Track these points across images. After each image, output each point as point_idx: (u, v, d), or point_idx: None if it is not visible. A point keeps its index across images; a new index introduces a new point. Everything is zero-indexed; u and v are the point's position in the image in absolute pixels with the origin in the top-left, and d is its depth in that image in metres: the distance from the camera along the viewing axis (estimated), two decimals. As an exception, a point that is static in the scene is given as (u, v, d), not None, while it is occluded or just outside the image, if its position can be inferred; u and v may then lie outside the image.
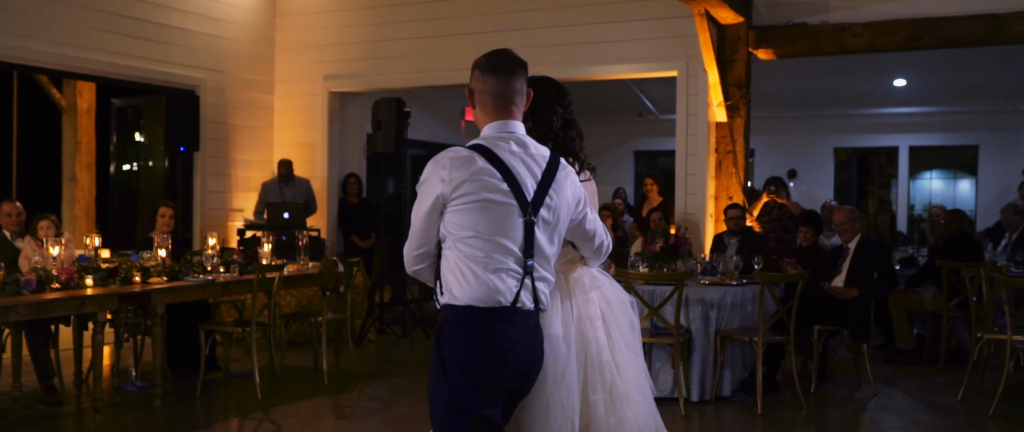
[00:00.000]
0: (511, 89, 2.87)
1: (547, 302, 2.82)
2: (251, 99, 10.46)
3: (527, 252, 2.73)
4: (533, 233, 2.73)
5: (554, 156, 2.84)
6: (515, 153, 2.77)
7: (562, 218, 2.81)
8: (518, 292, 2.72)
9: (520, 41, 9.57)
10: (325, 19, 10.57)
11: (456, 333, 2.72)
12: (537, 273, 2.75)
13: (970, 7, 8.21)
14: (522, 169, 2.75)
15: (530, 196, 2.74)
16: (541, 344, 2.82)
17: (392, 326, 9.36)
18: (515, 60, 2.92)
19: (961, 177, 15.12)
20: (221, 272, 6.71)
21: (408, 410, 6.25)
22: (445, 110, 13.04)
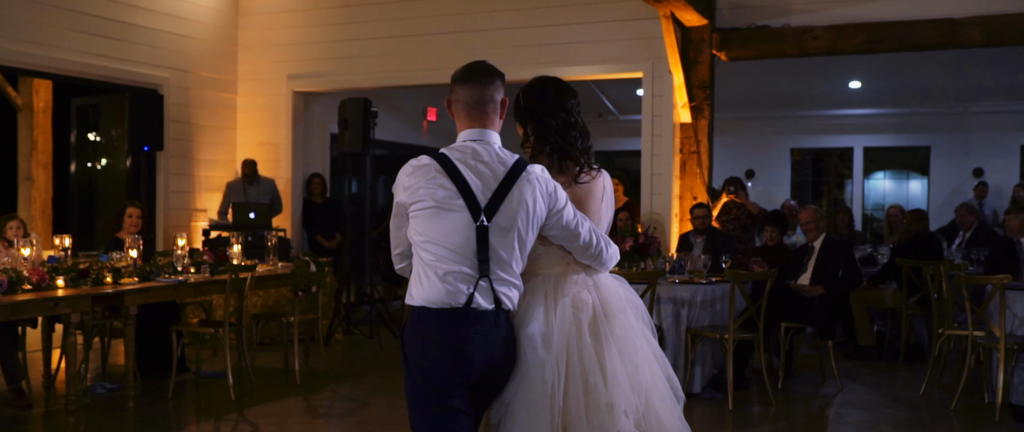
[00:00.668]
0: (480, 97, 2.96)
1: (511, 304, 2.89)
2: (214, 98, 10.37)
3: (481, 257, 2.82)
4: (486, 238, 2.82)
5: (518, 162, 2.89)
6: (473, 160, 2.87)
7: (520, 223, 2.85)
8: (471, 294, 2.81)
9: (486, 42, 9.65)
10: (288, 18, 10.52)
11: (412, 331, 2.87)
12: (495, 276, 2.84)
13: (927, 12, 8.42)
14: (476, 176, 2.84)
15: (483, 202, 2.82)
16: (506, 343, 2.88)
17: (359, 326, 9.35)
18: (486, 70, 3.02)
19: (914, 177, 15.48)
20: (191, 273, 6.66)
21: (382, 410, 6.26)
22: (407, 110, 13.05)
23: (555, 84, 3.20)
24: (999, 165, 13.88)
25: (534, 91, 3.18)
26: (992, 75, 12.53)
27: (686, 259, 7.44)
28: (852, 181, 15.32)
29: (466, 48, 9.75)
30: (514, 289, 2.90)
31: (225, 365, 6.79)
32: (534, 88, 3.19)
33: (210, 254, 7.02)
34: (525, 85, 3.22)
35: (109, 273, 6.13)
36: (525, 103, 3.17)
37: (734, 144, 14.34)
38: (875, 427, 5.96)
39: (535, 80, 3.22)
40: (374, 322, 9.18)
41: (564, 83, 3.23)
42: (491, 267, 2.83)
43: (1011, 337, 6.12)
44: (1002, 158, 13.89)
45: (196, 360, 7.08)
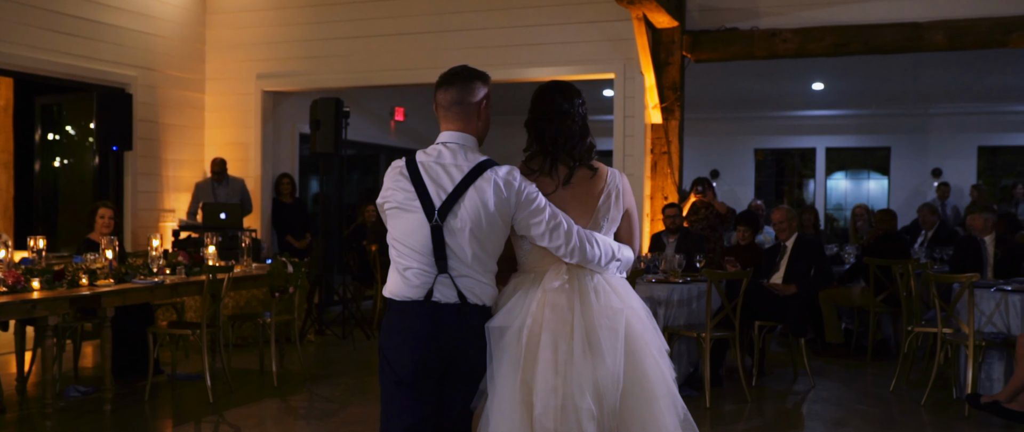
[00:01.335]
0: (454, 100, 3.08)
1: (478, 298, 3.01)
2: (182, 98, 10.27)
3: (437, 254, 2.97)
4: (441, 237, 2.97)
5: (480, 165, 2.99)
6: (436, 162, 3.02)
7: (475, 223, 2.96)
8: (431, 289, 2.98)
9: (458, 42, 9.67)
10: (257, 18, 10.44)
11: (385, 321, 3.10)
12: (457, 272, 2.98)
13: (893, 16, 8.60)
14: (436, 177, 2.99)
15: (437, 203, 2.96)
16: (476, 336, 3.01)
17: (331, 326, 9.31)
18: (462, 73, 3.12)
19: (874, 177, 15.77)
20: (167, 274, 6.60)
21: (362, 410, 6.25)
22: (375, 110, 13.01)
23: (551, 88, 3.23)
24: (957, 166, 14.20)
25: (533, 97, 3.25)
26: (950, 78, 12.82)
27: (660, 258, 7.52)
28: (814, 181, 15.56)
29: (437, 49, 9.77)
30: (481, 283, 3.01)
31: (200, 367, 6.76)
32: (534, 94, 3.24)
33: (185, 255, 6.96)
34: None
35: (85, 275, 6.05)
36: (529, 109, 3.23)
37: (699, 144, 14.49)
38: (849, 423, 6.08)
39: (542, 86, 3.26)
40: (346, 322, 9.16)
41: (561, 85, 3.24)
42: (450, 264, 2.97)
43: (978, 334, 6.27)
44: (960, 159, 14.21)
45: (171, 362, 7.00)
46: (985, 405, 5.92)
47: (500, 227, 3.01)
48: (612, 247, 3.13)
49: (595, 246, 3.07)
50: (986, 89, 13.27)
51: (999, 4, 8.32)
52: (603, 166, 3.22)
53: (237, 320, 7.46)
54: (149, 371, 6.47)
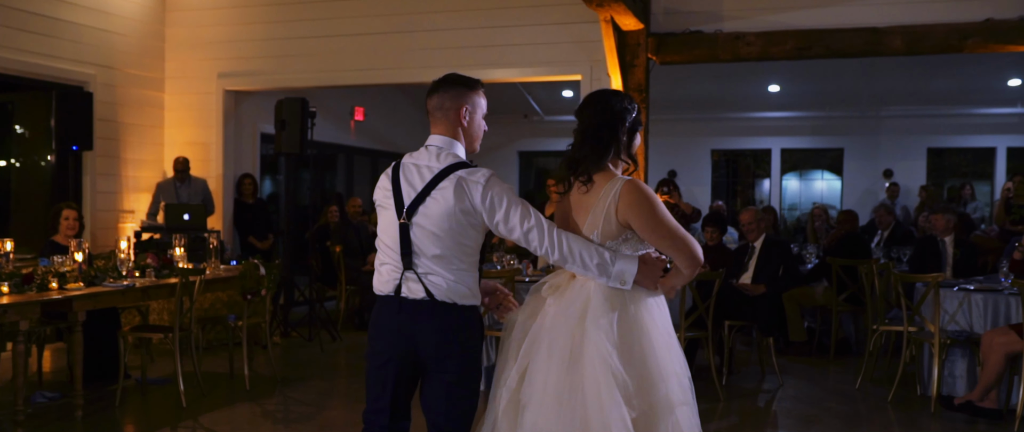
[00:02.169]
0: (436, 105, 3.23)
1: (444, 296, 3.11)
2: (141, 96, 10.10)
3: (404, 251, 3.13)
4: (408, 235, 3.12)
5: (450, 166, 3.11)
6: (413, 163, 3.19)
7: (442, 222, 3.08)
8: (399, 284, 3.15)
9: (424, 43, 9.65)
10: (218, 16, 10.31)
11: (372, 313, 3.30)
12: (423, 269, 3.12)
13: (853, 20, 8.78)
14: (408, 178, 3.17)
15: (407, 203, 3.12)
16: (444, 332, 3.12)
17: (297, 328, 9.23)
18: (448, 79, 3.26)
19: (828, 178, 16.07)
20: (136, 277, 6.50)
21: (339, 414, 6.22)
22: (335, 110, 12.92)
23: (602, 96, 3.28)
24: (907, 166, 14.54)
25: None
26: (902, 81, 13.13)
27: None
28: (770, 180, 15.81)
29: (403, 49, 9.74)
30: (448, 281, 3.11)
31: (167, 371, 6.68)
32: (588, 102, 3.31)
33: (154, 257, 6.86)
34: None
35: (54, 278, 5.92)
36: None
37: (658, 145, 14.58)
38: (822, 420, 6.20)
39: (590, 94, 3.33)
40: (312, 324, 9.08)
41: (598, 94, 3.28)
42: (416, 261, 3.12)
43: (942, 332, 6.44)
44: (910, 160, 14.56)
45: (141, 366, 6.89)
46: (959, 406, 6.08)
47: (466, 227, 3.09)
48: (598, 255, 3.08)
49: (573, 250, 3.07)
50: (936, 93, 13.61)
51: (955, 10, 8.54)
52: (607, 175, 3.18)
53: (207, 323, 7.36)
54: (120, 376, 6.35)
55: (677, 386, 3.11)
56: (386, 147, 14.45)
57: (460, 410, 3.20)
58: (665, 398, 3.06)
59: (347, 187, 13.90)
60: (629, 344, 3.06)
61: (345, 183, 14.02)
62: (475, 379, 3.25)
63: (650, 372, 3.06)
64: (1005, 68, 12.81)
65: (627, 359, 3.03)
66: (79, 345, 5.92)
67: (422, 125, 14.43)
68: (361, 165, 14.38)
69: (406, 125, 14.92)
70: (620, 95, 3.28)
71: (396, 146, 14.61)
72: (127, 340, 6.49)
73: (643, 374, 3.05)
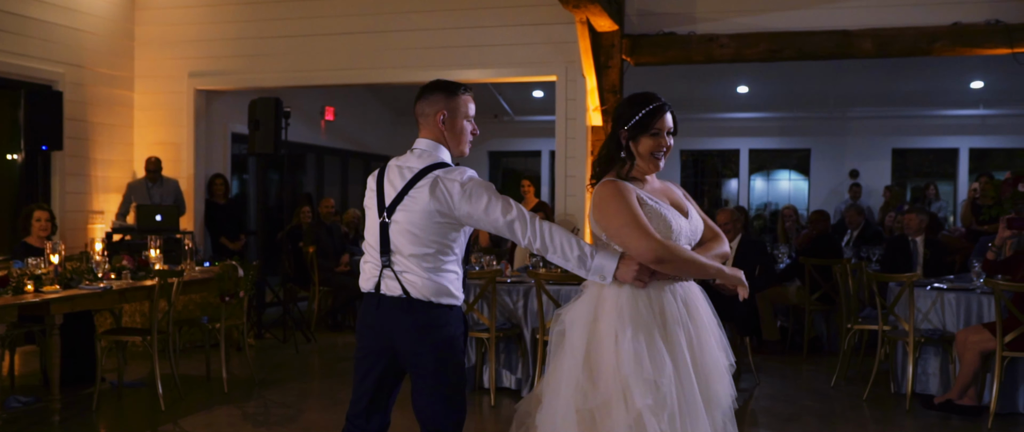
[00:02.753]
0: (417, 110, 3.35)
1: (419, 293, 3.18)
2: (111, 95, 9.97)
3: (383, 249, 3.23)
4: (387, 233, 3.22)
5: (427, 167, 3.21)
6: (397, 164, 3.30)
7: (419, 221, 3.17)
8: (378, 282, 3.25)
9: (399, 43, 9.63)
10: (188, 14, 10.21)
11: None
12: (399, 266, 3.21)
13: (824, 23, 8.90)
14: (390, 179, 3.28)
15: (388, 202, 3.23)
16: (420, 330, 3.20)
17: (271, 329, 9.17)
18: (427, 85, 3.36)
19: (795, 178, 16.26)
20: (112, 279, 6.42)
21: (320, 415, 6.19)
22: (306, 109, 12.84)
23: (628, 99, 3.34)
24: (872, 167, 14.76)
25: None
26: (868, 83, 13.32)
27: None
28: (738, 181, 15.96)
29: (377, 49, 9.71)
30: (422, 278, 3.19)
31: (146, 373, 6.61)
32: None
33: (129, 259, 6.78)
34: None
35: (30, 281, 5.83)
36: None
37: (627, 146, 14.73)
38: (800, 418, 6.28)
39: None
40: (286, 325, 9.02)
41: (637, 96, 3.32)
42: (394, 258, 3.21)
43: (916, 331, 6.55)
44: (875, 160, 14.78)
45: (117, 369, 6.80)
46: (939, 405, 6.19)
47: (444, 226, 3.17)
48: (578, 248, 3.13)
49: (555, 240, 3.13)
50: (901, 94, 13.83)
51: (924, 14, 8.69)
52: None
53: (181, 325, 7.29)
54: (96, 379, 6.27)
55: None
56: (356, 147, 14.39)
57: (441, 409, 3.25)
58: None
59: (317, 187, 13.81)
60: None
61: (315, 183, 13.94)
62: (455, 377, 3.28)
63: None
64: (968, 70, 13.05)
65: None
66: (56, 349, 5.83)
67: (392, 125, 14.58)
68: (331, 165, 14.30)
69: (377, 125, 14.87)
70: (631, 99, 3.30)
71: (366, 146, 14.56)
72: (102, 343, 6.39)
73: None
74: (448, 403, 3.26)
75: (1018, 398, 6.32)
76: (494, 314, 6.47)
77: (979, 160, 15.08)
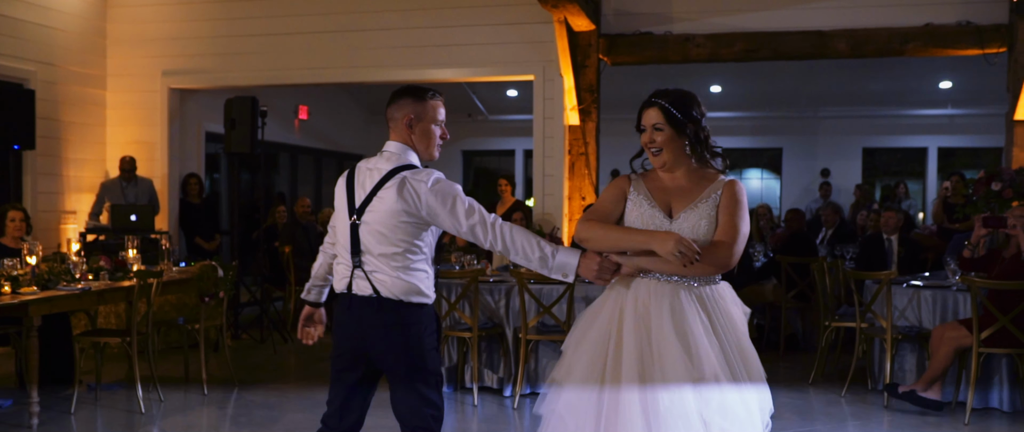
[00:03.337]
0: (387, 115, 3.43)
1: (389, 292, 3.25)
2: (83, 94, 9.84)
3: (354, 249, 3.29)
4: (357, 234, 3.29)
5: (395, 169, 3.27)
6: (367, 167, 3.36)
7: (387, 221, 3.24)
8: (350, 282, 3.31)
9: (375, 42, 9.60)
10: (162, 12, 10.10)
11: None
12: (368, 266, 3.28)
13: (799, 24, 8.99)
14: (360, 181, 3.34)
15: (358, 203, 3.30)
16: (389, 328, 3.27)
17: (248, 330, 9.10)
18: (396, 90, 3.45)
19: (767, 177, 16.40)
20: (90, 279, 6.34)
21: (302, 416, 6.15)
22: (280, 108, 12.75)
23: (678, 96, 3.32)
24: (843, 166, 14.92)
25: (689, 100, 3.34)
26: (839, 83, 13.46)
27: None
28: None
29: (353, 48, 9.67)
30: (392, 278, 3.25)
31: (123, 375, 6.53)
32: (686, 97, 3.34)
33: (107, 260, 6.70)
34: (671, 96, 3.33)
35: (7, 282, 5.75)
36: (684, 112, 3.31)
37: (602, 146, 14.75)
38: (779, 415, 6.32)
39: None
40: (264, 325, 8.97)
41: (684, 94, 3.34)
42: (364, 259, 3.28)
43: (893, 328, 6.63)
44: (846, 159, 14.94)
45: (95, 371, 6.72)
46: (903, 394, 6.27)
47: (412, 226, 3.25)
48: (539, 249, 3.20)
49: (516, 242, 3.20)
50: (871, 94, 13.99)
51: (897, 15, 8.81)
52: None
53: (158, 326, 7.21)
54: (75, 381, 6.19)
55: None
56: (330, 146, 14.32)
57: (418, 406, 3.31)
58: None
59: (291, 187, 13.73)
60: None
61: (289, 183, 13.85)
62: (429, 374, 3.33)
63: None
64: (937, 71, 13.23)
65: None
66: (35, 351, 5.74)
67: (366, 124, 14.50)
68: (305, 164, 14.22)
69: (350, 124, 14.81)
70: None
71: (340, 146, 14.49)
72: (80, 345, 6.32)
73: None
74: (424, 400, 3.32)
75: (992, 394, 6.42)
76: (476, 313, 6.47)
77: (946, 159, 15.31)
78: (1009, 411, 6.34)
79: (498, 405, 6.52)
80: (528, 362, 6.59)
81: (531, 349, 6.62)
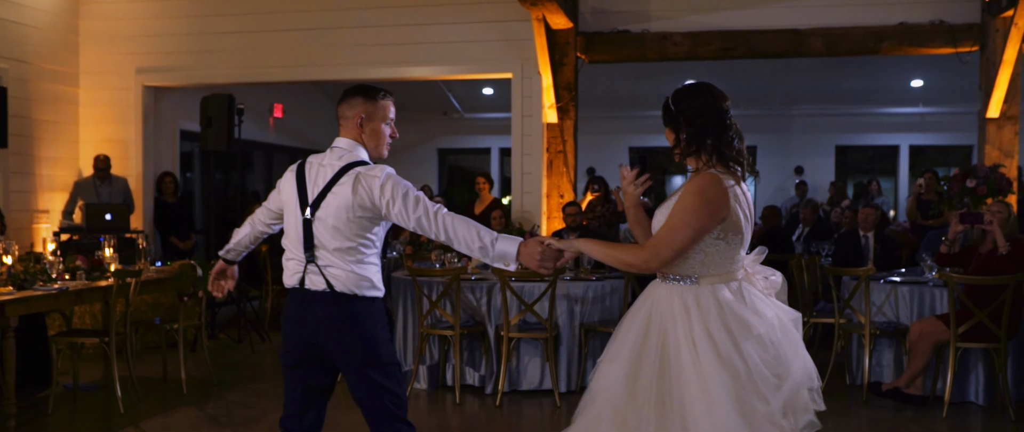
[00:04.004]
0: (338, 112, 3.51)
1: (344, 287, 3.29)
2: (55, 92, 9.72)
3: (307, 244, 3.33)
4: (310, 229, 3.33)
5: (348, 165, 3.34)
6: (319, 163, 3.41)
7: (341, 216, 3.29)
8: (302, 277, 3.34)
9: (353, 39, 9.55)
10: (136, 9, 10.00)
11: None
12: (323, 261, 3.32)
13: (776, 22, 9.06)
14: (312, 177, 3.38)
15: (311, 199, 3.34)
16: (344, 321, 3.30)
17: (226, 330, 9.03)
18: (347, 89, 3.52)
19: (741, 175, 16.50)
20: (67, 279, 6.27)
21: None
22: (255, 106, 12.65)
23: (696, 91, 3.20)
24: (816, 164, 15.05)
25: (684, 95, 3.18)
26: (812, 81, 13.58)
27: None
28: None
29: (330, 45, 9.62)
30: (346, 272, 3.31)
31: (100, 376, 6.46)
32: (685, 93, 3.19)
33: (83, 259, 6.62)
34: (674, 91, 3.21)
35: (-18, 282, 5.67)
36: (675, 108, 3.17)
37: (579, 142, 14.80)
38: (761, 411, 6.38)
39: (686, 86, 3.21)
40: (241, 325, 8.90)
41: (706, 90, 3.21)
42: (318, 254, 3.31)
43: (872, 323, 6.69)
44: (819, 157, 15.08)
45: (72, 372, 6.64)
46: (886, 392, 6.34)
47: (365, 221, 3.32)
48: (479, 239, 3.24)
49: (458, 233, 3.26)
50: (844, 92, 14.12)
51: (872, 14, 8.90)
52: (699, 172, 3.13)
53: (139, 326, 7.14)
54: (53, 383, 6.12)
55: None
56: (305, 145, 14.24)
57: (378, 395, 3.35)
58: None
59: (266, 185, 13.64)
60: None
61: (264, 181, 13.77)
62: (386, 363, 3.37)
63: None
64: (909, 69, 13.38)
65: None
66: (12, 352, 5.67)
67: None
68: (280, 163, 14.14)
69: (325, 122, 14.70)
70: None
71: (315, 144, 14.39)
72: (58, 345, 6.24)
73: None
74: (382, 388, 3.36)
75: (969, 387, 6.51)
76: (458, 312, 6.46)
77: (917, 156, 15.48)
78: (985, 404, 6.43)
79: (479, 403, 6.51)
80: (510, 360, 6.59)
81: (513, 347, 6.62)
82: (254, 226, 3.73)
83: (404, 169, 13.67)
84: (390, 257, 9.28)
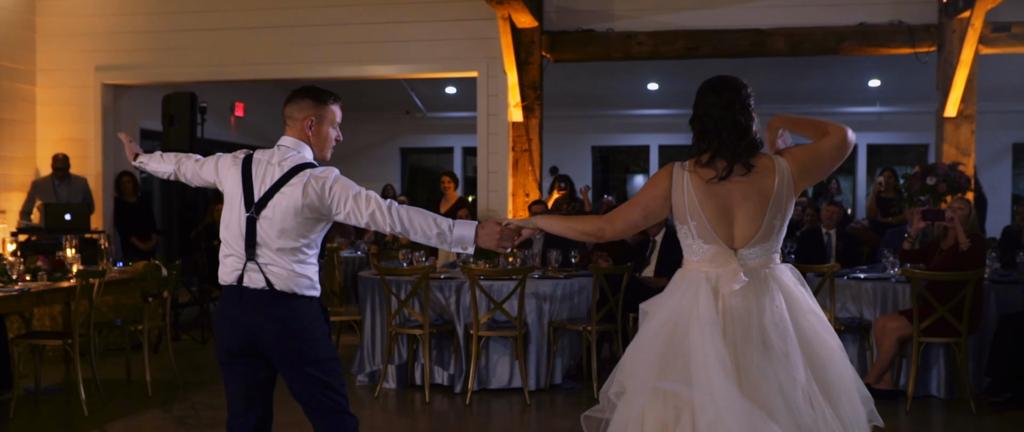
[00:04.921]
0: (285, 112, 3.51)
1: (284, 286, 3.30)
2: (11, 90, 9.54)
3: (249, 242, 3.30)
4: (254, 227, 3.30)
5: (297, 166, 3.35)
6: (267, 161, 3.39)
7: (288, 216, 3.29)
8: (241, 275, 3.31)
9: (316, 37, 9.49)
10: (94, 5, 9.85)
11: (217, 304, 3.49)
12: (264, 259, 3.31)
13: (739, 22, 9.15)
14: (259, 174, 3.36)
15: (257, 198, 3.32)
16: (282, 319, 3.30)
17: (189, 331, 8.92)
18: (295, 91, 3.54)
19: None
20: (28, 280, 6.15)
21: (251, 417, 6.05)
22: (215, 105, 12.49)
23: (710, 83, 3.27)
24: (778, 162, 15.19)
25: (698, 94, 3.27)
26: (773, 81, 13.71)
27: (530, 255, 7.68)
28: (647, 177, 16.25)
29: (294, 43, 9.54)
30: (287, 271, 3.31)
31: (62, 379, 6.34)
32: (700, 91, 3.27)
33: (44, 260, 6.51)
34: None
35: (-59, 283, 5.55)
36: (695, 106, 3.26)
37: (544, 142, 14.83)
38: (728, 407, 6.44)
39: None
40: (204, 326, 8.80)
41: (722, 82, 3.27)
42: (259, 252, 3.30)
43: (836, 319, 6.78)
44: (780, 156, 15.21)
45: (34, 375, 6.51)
46: (854, 388, 6.42)
47: (312, 221, 3.33)
48: (436, 226, 3.32)
49: (413, 222, 3.32)
50: (805, 92, 14.28)
51: (832, 14, 9.03)
52: (768, 158, 3.25)
53: (102, 328, 7.03)
54: (14, 386, 6.00)
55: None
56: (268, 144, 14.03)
57: (321, 392, 3.36)
58: None
59: (227, 185, 13.50)
60: None
61: (225, 180, 13.61)
62: (322, 361, 3.38)
63: None
64: (867, 70, 13.58)
65: None
66: (-28, 354, 5.56)
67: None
68: (241, 162, 13.99)
69: (286, 121, 14.61)
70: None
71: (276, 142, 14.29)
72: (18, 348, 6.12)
73: None
74: (321, 383, 3.37)
75: (931, 381, 6.62)
76: (427, 311, 6.44)
77: (874, 155, 15.71)
78: (946, 398, 6.54)
79: (449, 402, 6.50)
80: (479, 359, 6.59)
81: (482, 346, 6.62)
82: (178, 168, 3.77)
83: (366, 169, 13.91)
84: (356, 256, 9.23)
